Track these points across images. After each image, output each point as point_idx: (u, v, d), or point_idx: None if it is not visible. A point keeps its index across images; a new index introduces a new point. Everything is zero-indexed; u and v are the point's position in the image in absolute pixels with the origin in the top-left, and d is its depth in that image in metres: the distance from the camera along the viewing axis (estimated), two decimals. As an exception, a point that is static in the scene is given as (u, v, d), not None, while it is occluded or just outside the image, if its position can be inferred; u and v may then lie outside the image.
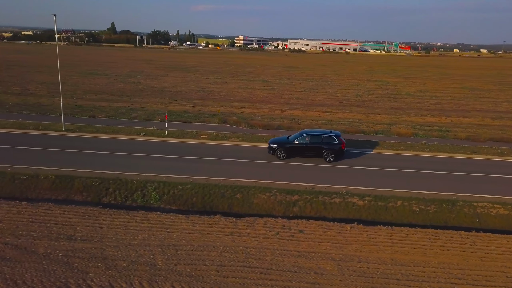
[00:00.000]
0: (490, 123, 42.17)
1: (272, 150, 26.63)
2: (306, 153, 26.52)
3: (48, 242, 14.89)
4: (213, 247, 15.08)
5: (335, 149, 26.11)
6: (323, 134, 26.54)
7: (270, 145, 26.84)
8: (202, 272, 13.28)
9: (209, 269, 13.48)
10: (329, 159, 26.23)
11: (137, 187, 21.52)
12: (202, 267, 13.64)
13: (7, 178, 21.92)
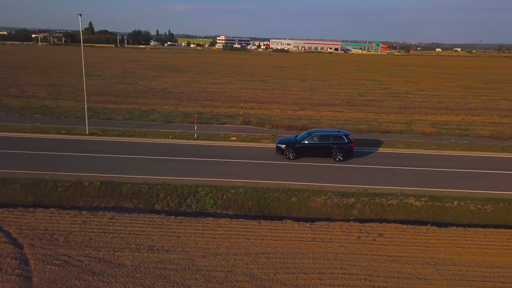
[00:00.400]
0: (500, 121, 42.95)
1: (281, 151, 26.19)
2: (315, 153, 26.23)
3: (130, 253, 14.15)
4: (303, 254, 14.64)
5: (345, 149, 25.91)
6: (332, 134, 26.32)
7: (279, 145, 26.34)
8: (306, 281, 12.85)
9: (310, 278, 13.06)
10: (338, 158, 25.98)
11: (188, 192, 20.86)
12: (302, 275, 13.20)
13: (49, 186, 20.94)
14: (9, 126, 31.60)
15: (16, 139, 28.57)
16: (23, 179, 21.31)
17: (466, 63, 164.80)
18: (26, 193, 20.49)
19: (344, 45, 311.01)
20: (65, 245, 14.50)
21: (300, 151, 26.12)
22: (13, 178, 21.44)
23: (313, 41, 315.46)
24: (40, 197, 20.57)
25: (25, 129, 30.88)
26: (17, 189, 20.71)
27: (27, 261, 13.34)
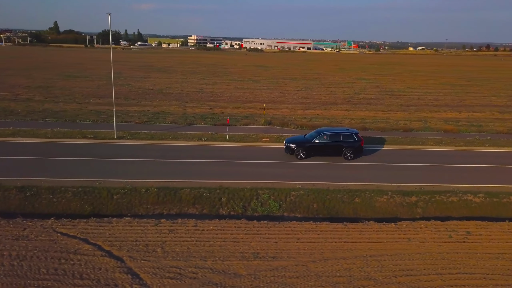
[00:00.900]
0: (503, 117, 44.41)
1: (291, 150, 25.97)
2: (326, 152, 26.12)
3: (239, 262, 13.67)
4: (408, 255, 14.61)
5: (355, 147, 25.92)
6: (342, 132, 26.27)
7: (288, 145, 26.14)
8: (428, 283, 12.80)
9: (431, 279, 13.04)
10: (349, 156, 25.96)
11: (250, 196, 20.46)
12: (422, 277, 13.15)
13: (104, 194, 20.02)
14: (28, 131, 30.06)
15: (42, 144, 27.23)
16: (73, 187, 20.27)
17: (438, 61, 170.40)
18: (81, 202, 19.51)
19: (316, 44, 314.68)
20: (167, 256, 13.82)
21: (311, 150, 25.95)
22: (62, 187, 20.37)
23: (284, 40, 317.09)
24: (97, 206, 19.65)
25: (47, 134, 29.39)
26: (71, 198, 19.69)
27: (138, 275, 12.61)
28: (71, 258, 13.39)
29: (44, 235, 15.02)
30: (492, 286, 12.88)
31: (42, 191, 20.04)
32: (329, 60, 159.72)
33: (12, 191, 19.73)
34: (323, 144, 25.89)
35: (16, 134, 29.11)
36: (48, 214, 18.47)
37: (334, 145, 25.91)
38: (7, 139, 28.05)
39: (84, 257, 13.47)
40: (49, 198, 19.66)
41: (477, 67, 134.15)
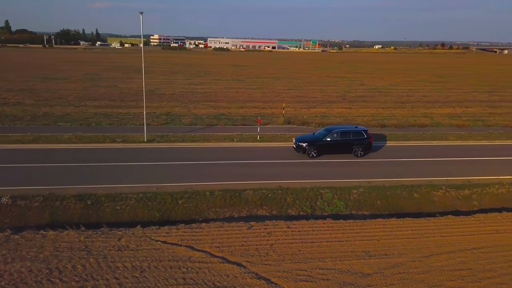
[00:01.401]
0: (495, 111, 46.78)
1: (303, 149, 25.91)
2: (336, 150, 26.23)
3: (357, 261, 13.72)
4: (508, 246, 15.16)
5: (365, 144, 26.22)
6: (352, 130, 26.45)
7: (300, 144, 26.01)
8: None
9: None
10: (358, 154, 26.23)
11: (314, 195, 20.63)
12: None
13: (168, 199, 19.53)
14: (49, 137, 28.68)
15: (73, 150, 26.20)
16: (133, 194, 19.61)
17: (402, 59, 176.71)
18: (147, 208, 18.89)
19: (280, 43, 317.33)
20: (284, 259, 13.65)
21: (322, 148, 25.94)
22: (121, 193, 19.65)
23: (249, 39, 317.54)
24: (165, 212, 19.10)
25: (72, 139, 28.09)
26: (135, 205, 19.01)
27: (270, 280, 12.39)
28: (190, 266, 12.94)
29: (144, 244, 14.39)
30: None
31: (102, 199, 19.22)
32: (299, 59, 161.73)
33: (71, 201, 18.78)
34: (334, 142, 25.93)
35: (39, 140, 27.65)
36: (115, 223, 17.74)
37: (345, 142, 26.03)
38: (31, 146, 26.61)
39: (203, 264, 13.05)
40: (112, 205, 18.89)
41: (441, 64, 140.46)
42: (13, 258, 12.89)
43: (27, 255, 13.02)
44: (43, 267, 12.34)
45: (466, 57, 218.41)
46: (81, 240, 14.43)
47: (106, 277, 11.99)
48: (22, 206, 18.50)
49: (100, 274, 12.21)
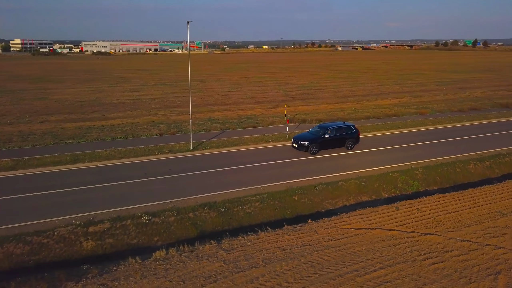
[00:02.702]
0: (421, 100, 55.82)
1: (305, 147, 27.85)
2: (333, 145, 28.67)
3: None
4: None
5: (354, 137, 29.31)
6: (344, 126, 29.43)
7: (302, 142, 28.04)
8: None
9: None
10: (349, 146, 29.18)
11: (391, 180, 24.61)
12: None
13: (285, 197, 21.69)
14: (89, 154, 27.46)
15: (131, 165, 25.93)
16: (251, 195, 21.22)
17: (291, 58, 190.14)
18: (274, 207, 20.75)
19: (162, 45, 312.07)
20: (459, 226, 17.03)
21: (322, 145, 28.16)
22: (240, 198, 21.10)
23: (128, 42, 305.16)
24: (291, 208, 21.13)
25: (113, 156, 27.30)
26: (262, 206, 20.72)
27: (471, 240, 15.85)
28: (403, 242, 15.62)
29: (342, 232, 16.53)
30: None
31: (227, 205, 20.30)
32: (195, 61, 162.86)
33: (205, 210, 19.58)
34: (331, 138, 28.40)
35: (82, 160, 26.29)
36: (249, 226, 19.08)
37: (340, 138, 28.73)
38: (81, 166, 25.37)
39: (410, 239, 15.82)
40: (243, 209, 20.15)
41: (324, 62, 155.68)
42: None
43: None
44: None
45: (339, 54, 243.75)
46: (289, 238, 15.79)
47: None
48: (160, 222, 18.60)
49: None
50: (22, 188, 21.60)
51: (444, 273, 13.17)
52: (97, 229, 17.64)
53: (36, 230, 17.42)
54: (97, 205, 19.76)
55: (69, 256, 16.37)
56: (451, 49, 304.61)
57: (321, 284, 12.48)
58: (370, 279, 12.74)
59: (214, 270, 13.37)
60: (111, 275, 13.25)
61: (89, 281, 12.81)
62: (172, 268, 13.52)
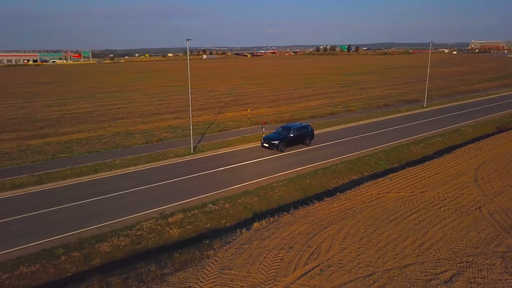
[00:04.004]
0: (337, 100, 65.83)
1: (275, 146, 32.16)
2: (295, 142, 33.36)
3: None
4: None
5: (311, 135, 34.52)
6: (302, 126, 34.31)
7: (272, 142, 32.28)
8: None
9: None
10: (308, 143, 34.10)
11: (371, 161, 32.08)
12: None
13: (304, 182, 27.70)
14: (102, 164, 29.91)
15: (151, 170, 28.72)
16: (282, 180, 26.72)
17: (192, 66, 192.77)
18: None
19: (42, 55, 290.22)
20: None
21: (288, 143, 32.76)
22: (267, 185, 26.46)
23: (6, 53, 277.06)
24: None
25: (123, 164, 30.19)
26: (287, 190, 26.37)
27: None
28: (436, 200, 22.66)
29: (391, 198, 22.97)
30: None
31: (261, 191, 25.51)
32: (93, 72, 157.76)
33: (245, 197, 24.48)
34: (294, 137, 33.18)
35: (98, 170, 28.68)
36: (289, 203, 24.68)
37: (301, 136, 33.67)
38: (106, 175, 27.92)
39: (426, 194, 22.93)
40: (275, 193, 25.52)
41: (226, 69, 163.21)
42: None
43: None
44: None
45: (234, 61, 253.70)
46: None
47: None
48: (220, 209, 23.06)
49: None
50: (79, 196, 23.68)
51: (448, 210, 20.09)
52: (175, 219, 21.15)
53: (125, 226, 20.29)
54: (158, 202, 22.90)
55: (164, 242, 19.74)
56: (330, 54, 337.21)
57: (384, 226, 18.33)
58: (410, 221, 19.04)
59: (306, 230, 18.39)
60: (235, 242, 17.45)
61: (226, 247, 16.81)
62: (275, 232, 18.07)
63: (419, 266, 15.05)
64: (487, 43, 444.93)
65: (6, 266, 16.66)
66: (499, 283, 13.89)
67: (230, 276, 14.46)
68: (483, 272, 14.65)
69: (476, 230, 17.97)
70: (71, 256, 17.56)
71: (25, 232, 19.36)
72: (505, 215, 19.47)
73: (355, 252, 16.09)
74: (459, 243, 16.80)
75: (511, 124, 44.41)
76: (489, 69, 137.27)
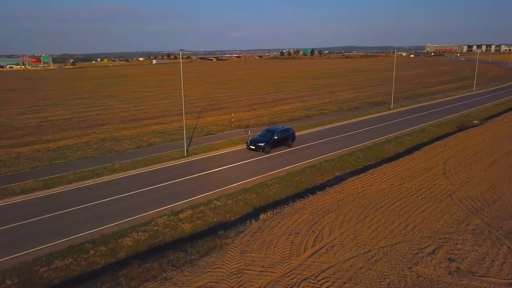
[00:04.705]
0: (309, 104, 69.58)
1: (261, 148, 34.67)
2: (279, 144, 35.96)
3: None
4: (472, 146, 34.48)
5: (293, 137, 37.42)
6: (285, 128, 37.18)
7: (259, 144, 34.71)
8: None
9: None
10: (289, 144, 36.70)
11: (351, 158, 35.57)
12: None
13: (294, 179, 30.69)
14: (104, 168, 31.75)
15: (150, 172, 30.53)
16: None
17: (153, 71, 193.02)
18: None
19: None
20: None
21: (273, 145, 35.33)
22: (262, 183, 29.29)
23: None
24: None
25: (125, 167, 32.11)
26: (280, 186, 29.27)
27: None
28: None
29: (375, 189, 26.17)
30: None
31: (258, 188, 28.25)
32: (56, 78, 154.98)
33: (244, 193, 27.20)
34: (278, 139, 35.73)
35: (103, 174, 30.44)
36: (284, 199, 27.61)
37: (284, 138, 36.25)
38: (107, 178, 29.70)
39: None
40: (271, 190, 28.33)
41: (194, 73, 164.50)
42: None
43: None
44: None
45: (200, 65, 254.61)
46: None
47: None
48: (224, 205, 25.60)
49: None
50: (89, 198, 25.38)
51: (424, 198, 23.39)
52: (185, 215, 23.40)
53: (141, 222, 22.39)
54: (166, 201, 24.90)
55: (179, 235, 22.00)
56: (294, 58, 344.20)
57: (373, 212, 21.31)
58: (394, 208, 22.16)
59: (307, 218, 21.16)
60: (248, 231, 20.02)
61: (241, 235, 19.24)
62: (280, 222, 20.62)
63: (407, 243, 18.09)
64: (441, 46, 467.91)
65: (42, 260, 18.32)
66: (471, 253, 17.12)
67: (251, 258, 16.96)
68: (458, 245, 17.84)
69: (449, 213, 21.31)
70: (99, 250, 19.43)
71: (49, 231, 21.00)
72: (472, 200, 23.00)
73: (353, 234, 18.97)
74: (436, 224, 20.03)
75: (468, 123, 49.06)
76: (445, 71, 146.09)
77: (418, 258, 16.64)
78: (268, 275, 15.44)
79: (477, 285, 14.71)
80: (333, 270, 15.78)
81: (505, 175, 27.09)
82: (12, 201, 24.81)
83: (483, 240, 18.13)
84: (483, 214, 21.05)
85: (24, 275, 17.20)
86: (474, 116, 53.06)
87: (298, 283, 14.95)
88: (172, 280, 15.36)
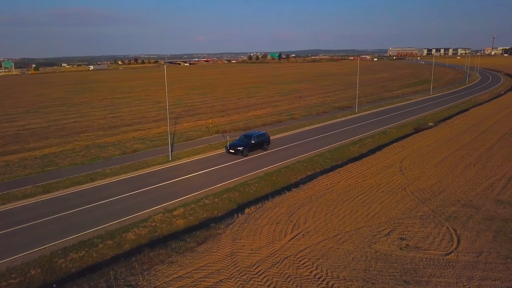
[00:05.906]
0: (280, 109, 73.79)
1: (240, 152, 37.68)
2: (256, 147, 39.24)
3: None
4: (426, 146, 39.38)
5: (268, 141, 40.90)
6: (261, 133, 40.45)
7: (238, 148, 37.80)
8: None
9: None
10: (265, 148, 40.12)
11: (319, 159, 39.96)
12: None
13: (271, 178, 34.74)
14: (95, 174, 34.65)
15: (139, 177, 33.39)
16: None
17: (122, 76, 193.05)
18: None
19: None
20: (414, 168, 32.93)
21: (250, 148, 38.49)
22: (243, 182, 33.15)
23: None
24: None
25: (115, 172, 35.18)
26: (259, 185, 33.19)
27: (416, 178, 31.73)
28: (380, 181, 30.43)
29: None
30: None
31: (240, 187, 32.05)
32: (21, 85, 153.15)
33: (229, 192, 30.98)
34: (255, 143, 39.04)
35: (95, 180, 33.49)
36: (263, 196, 31.60)
37: (260, 142, 39.66)
38: (101, 182, 32.57)
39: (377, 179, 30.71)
40: (251, 188, 32.19)
41: (163, 78, 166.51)
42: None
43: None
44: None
45: (169, 70, 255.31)
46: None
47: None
48: (211, 203, 29.21)
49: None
50: (89, 200, 28.03)
51: (383, 191, 27.65)
52: (178, 212, 26.74)
53: (140, 219, 25.62)
54: (160, 201, 27.89)
55: (174, 230, 25.34)
56: (262, 62, 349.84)
57: (340, 205, 25.27)
58: (358, 201, 26.24)
59: (285, 211, 25.01)
60: (236, 223, 23.68)
61: (230, 226, 22.74)
62: (263, 214, 24.23)
63: (368, 228, 22.22)
64: (403, 50, 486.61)
65: (58, 254, 21.24)
66: (418, 233, 21.40)
67: (241, 243, 20.61)
68: (408, 228, 22.12)
69: (403, 203, 25.68)
70: (107, 244, 22.51)
71: (59, 230, 23.78)
72: (422, 192, 27.51)
73: (324, 222, 22.94)
74: (392, 212, 24.31)
75: (424, 125, 54.51)
76: (405, 75, 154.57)
77: (376, 239, 20.74)
78: (257, 256, 19.11)
79: (421, 257, 18.88)
80: (308, 250, 19.60)
81: (451, 171, 31.88)
82: (17, 204, 27.33)
83: (428, 223, 22.45)
84: (430, 203, 25.48)
85: (45, 266, 20.08)
86: (430, 119, 58.60)
87: (281, 260, 18.69)
88: (177, 263, 18.77)
